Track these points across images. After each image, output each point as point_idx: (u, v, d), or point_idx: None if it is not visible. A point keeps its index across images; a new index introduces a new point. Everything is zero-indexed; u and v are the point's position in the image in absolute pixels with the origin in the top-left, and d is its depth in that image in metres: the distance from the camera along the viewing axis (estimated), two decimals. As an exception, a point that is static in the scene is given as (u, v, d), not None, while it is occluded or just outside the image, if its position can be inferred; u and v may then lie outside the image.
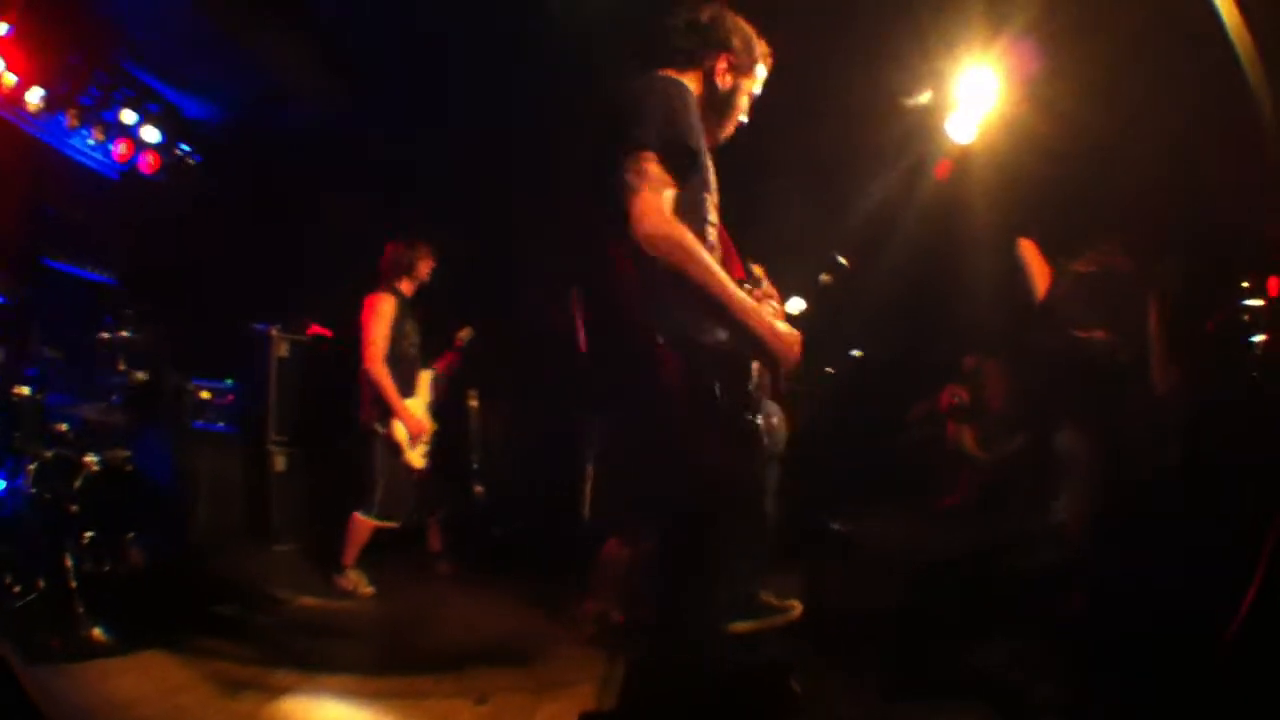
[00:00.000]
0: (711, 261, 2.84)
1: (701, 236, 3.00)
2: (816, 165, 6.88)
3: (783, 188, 6.88)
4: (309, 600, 6.67)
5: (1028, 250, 5.81)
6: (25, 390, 6.05)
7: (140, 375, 6.87)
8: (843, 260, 5.92)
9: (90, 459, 5.99)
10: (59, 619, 5.31)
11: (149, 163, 8.98)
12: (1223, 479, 4.20)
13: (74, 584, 5.45)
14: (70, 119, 7.90)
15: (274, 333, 8.07)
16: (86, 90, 7.97)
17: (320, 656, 5.31)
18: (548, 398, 7.91)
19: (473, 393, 8.76)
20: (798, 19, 4.71)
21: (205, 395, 8.10)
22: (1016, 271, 5.71)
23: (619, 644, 5.40)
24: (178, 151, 9.29)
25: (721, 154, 3.50)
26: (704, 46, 3.44)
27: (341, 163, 8.77)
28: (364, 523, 7.02)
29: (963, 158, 6.10)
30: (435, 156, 8.45)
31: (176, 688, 4.79)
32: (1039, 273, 5.76)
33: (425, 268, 7.35)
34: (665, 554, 3.22)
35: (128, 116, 8.55)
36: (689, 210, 2.98)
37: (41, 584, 5.44)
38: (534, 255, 8.06)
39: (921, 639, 4.90)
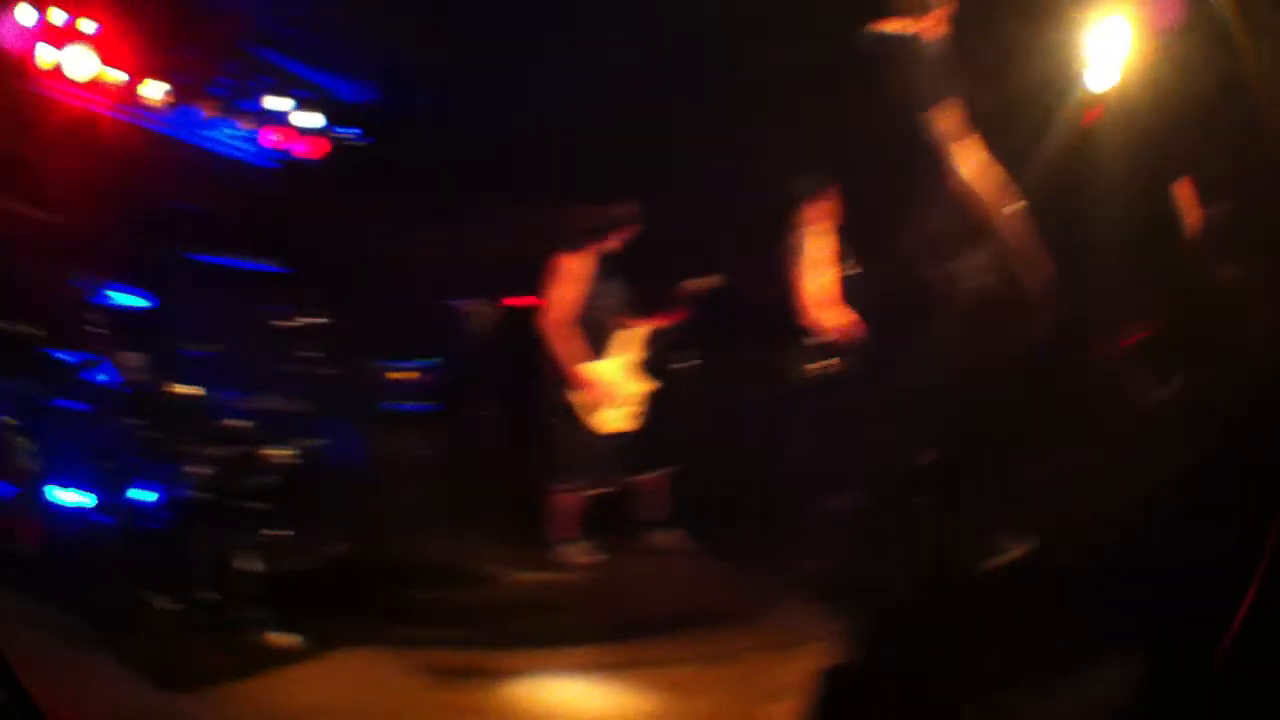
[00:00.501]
0: None
1: None
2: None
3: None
4: (524, 576, 6.29)
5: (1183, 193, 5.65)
6: (189, 389, 5.79)
7: (327, 361, 6.66)
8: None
9: (277, 451, 5.68)
10: (230, 630, 4.93)
11: (309, 148, 8.63)
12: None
13: (251, 589, 5.08)
14: (206, 110, 7.57)
15: (473, 306, 7.79)
16: (215, 80, 7.65)
17: (543, 634, 5.03)
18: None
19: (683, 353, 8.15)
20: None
21: (398, 375, 7.80)
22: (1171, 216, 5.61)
23: (849, 598, 5.10)
24: (338, 135, 8.84)
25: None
26: None
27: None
28: (565, 492, 6.61)
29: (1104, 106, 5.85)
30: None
31: (383, 686, 4.55)
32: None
33: (621, 228, 6.87)
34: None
35: (276, 104, 8.21)
36: None
37: (206, 595, 5.04)
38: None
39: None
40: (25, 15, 6.29)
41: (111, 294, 5.58)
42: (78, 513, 5.50)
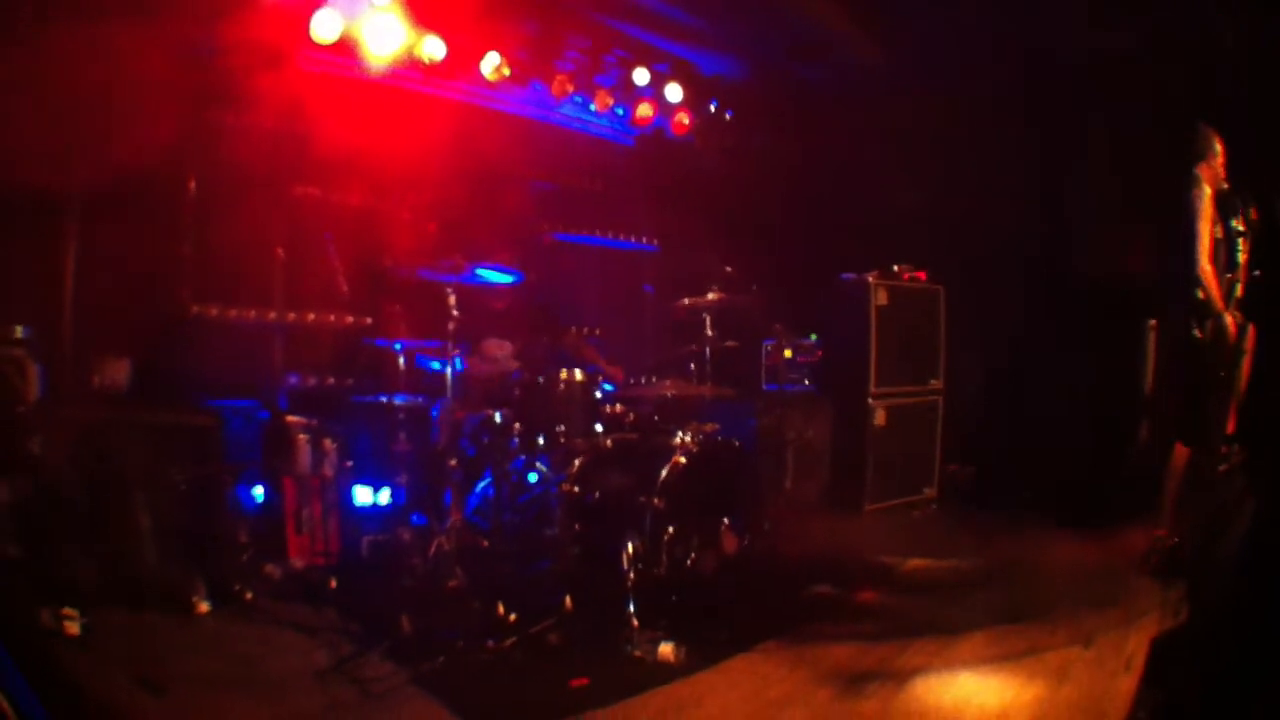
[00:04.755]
0: None
1: None
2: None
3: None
4: (918, 562, 5.99)
5: None
6: (576, 375, 5.40)
7: (726, 340, 6.15)
8: None
9: (683, 439, 5.13)
10: (602, 644, 4.37)
11: (680, 123, 8.33)
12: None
13: (632, 594, 4.50)
14: (556, 86, 7.21)
15: (872, 279, 7.33)
16: (563, 54, 7.26)
17: (943, 625, 4.73)
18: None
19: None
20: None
21: (787, 354, 7.57)
22: None
23: (1180, 569, 5.18)
24: (710, 109, 8.57)
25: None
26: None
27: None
28: None
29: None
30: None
31: (783, 699, 3.95)
32: None
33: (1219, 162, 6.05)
34: None
35: (640, 78, 7.85)
36: None
37: (568, 604, 4.53)
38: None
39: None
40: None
41: (477, 274, 5.19)
42: (385, 515, 5.24)
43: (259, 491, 5.06)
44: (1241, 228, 5.88)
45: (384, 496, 5.29)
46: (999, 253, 7.30)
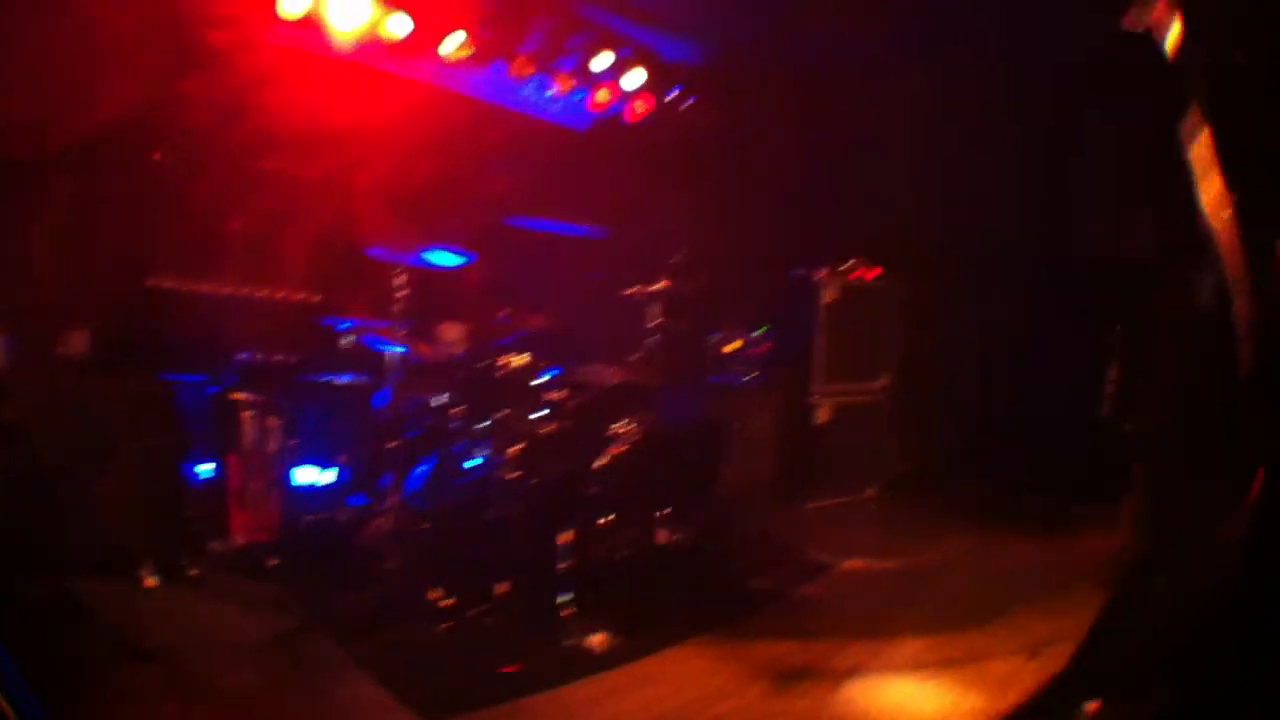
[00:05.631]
0: None
1: None
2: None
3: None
4: (859, 561, 5.95)
5: None
6: (518, 359, 5.35)
7: (670, 329, 6.32)
8: None
9: (621, 427, 5.18)
10: (536, 630, 4.42)
11: (636, 109, 8.28)
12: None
13: (568, 581, 4.55)
14: (516, 68, 7.15)
15: (823, 276, 7.38)
16: (527, 37, 7.19)
17: (879, 626, 4.70)
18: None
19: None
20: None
21: (733, 346, 7.55)
22: None
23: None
24: (668, 96, 8.50)
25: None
26: None
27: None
28: None
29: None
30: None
31: (714, 693, 4.00)
32: None
33: None
34: None
35: (601, 62, 7.80)
36: None
37: (503, 589, 4.56)
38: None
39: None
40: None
41: (424, 255, 5.19)
42: (326, 495, 5.24)
43: (207, 467, 5.04)
44: None
45: (327, 476, 5.28)
46: (965, 249, 7.33)
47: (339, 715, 3.73)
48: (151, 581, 4.53)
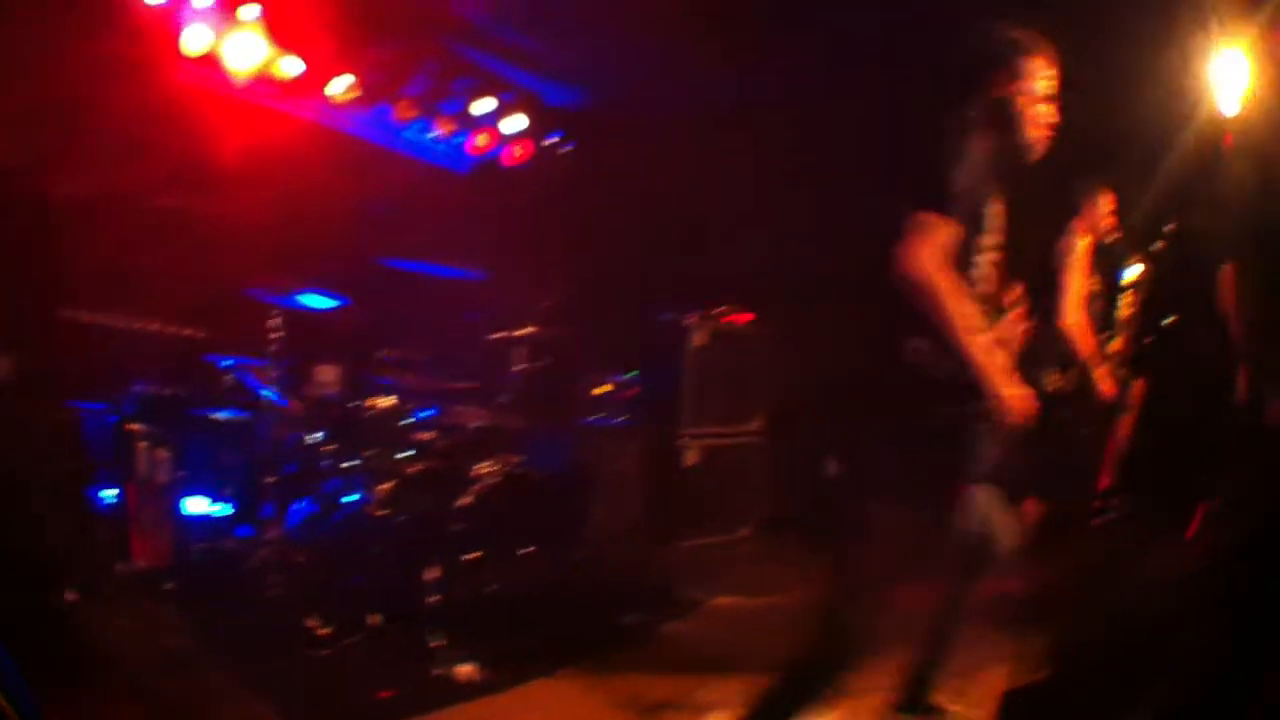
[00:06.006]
0: (957, 311, 3.13)
1: (967, 275, 3.31)
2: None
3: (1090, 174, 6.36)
4: (728, 598, 6.06)
5: None
6: (385, 401, 5.49)
7: (541, 372, 6.35)
8: (1170, 226, 5.96)
9: (484, 468, 5.34)
10: (406, 660, 4.53)
11: (515, 154, 8.49)
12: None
13: (436, 615, 4.69)
14: (400, 111, 7.33)
15: (690, 321, 7.43)
16: (412, 79, 7.38)
17: (744, 661, 4.56)
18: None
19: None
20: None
21: (603, 390, 7.66)
22: None
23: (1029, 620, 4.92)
24: (548, 141, 8.79)
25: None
26: (981, 70, 3.50)
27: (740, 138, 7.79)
28: None
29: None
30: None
31: None
32: None
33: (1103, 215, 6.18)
34: None
35: (482, 106, 8.02)
36: (961, 251, 3.25)
37: (376, 620, 4.69)
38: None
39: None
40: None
41: (299, 297, 5.31)
42: (216, 525, 5.32)
43: (112, 492, 5.09)
44: (1134, 280, 5.98)
45: (218, 507, 5.34)
46: (838, 295, 7.48)
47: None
48: (72, 596, 4.54)
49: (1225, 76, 5.56)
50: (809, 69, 7.19)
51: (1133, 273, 6.03)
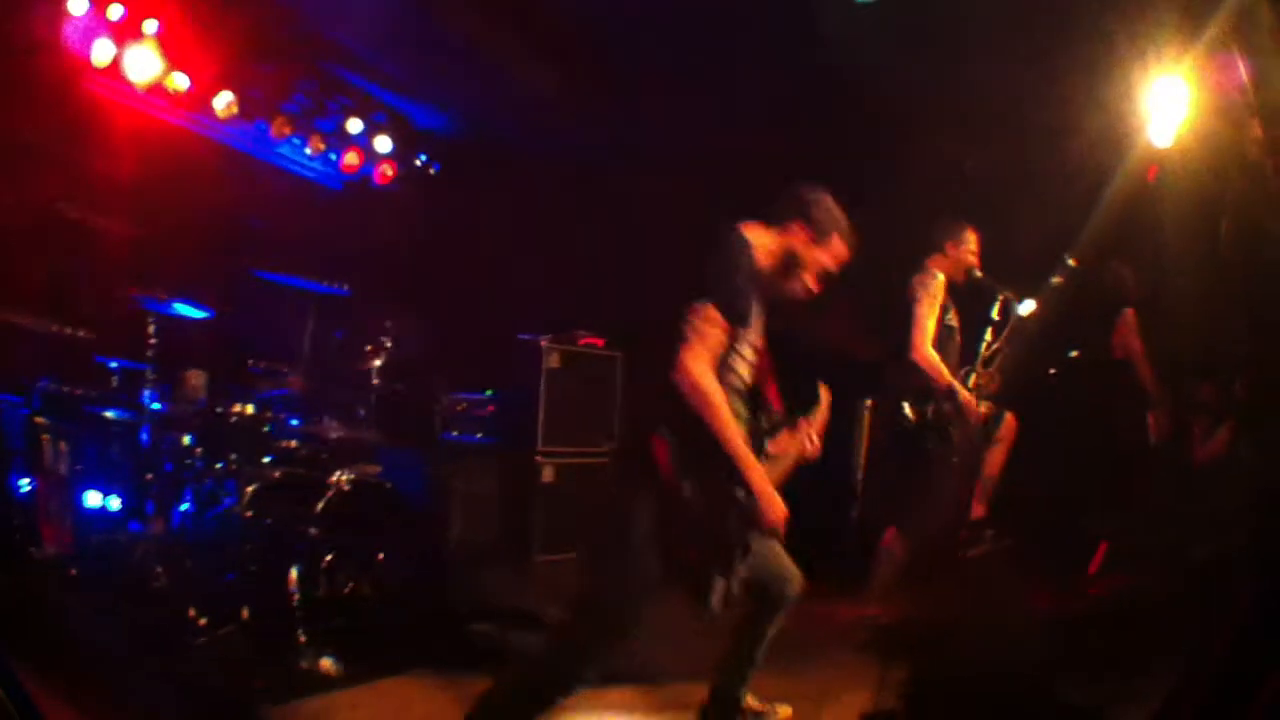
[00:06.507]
0: (726, 417, 3.43)
1: (729, 374, 3.63)
2: (1025, 177, 6.81)
3: (1003, 199, 6.78)
4: None
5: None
6: (248, 409, 5.68)
7: (397, 388, 6.56)
8: (1071, 261, 6.32)
9: (340, 477, 5.51)
10: (271, 652, 4.79)
11: (384, 173, 8.71)
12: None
13: (298, 612, 4.94)
14: (276, 128, 7.54)
15: (545, 343, 7.58)
16: (290, 98, 7.62)
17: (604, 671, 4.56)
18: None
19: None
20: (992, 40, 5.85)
21: (461, 407, 7.81)
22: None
23: (892, 649, 5.25)
24: (416, 162, 8.99)
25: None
26: (790, 212, 3.89)
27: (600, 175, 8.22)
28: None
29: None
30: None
31: (424, 716, 4.39)
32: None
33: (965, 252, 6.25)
34: None
35: (354, 126, 8.24)
36: (726, 352, 3.57)
37: (245, 614, 4.91)
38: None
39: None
40: (77, 5, 6.13)
41: (174, 305, 5.48)
42: (110, 518, 5.45)
43: (25, 481, 5.20)
44: (996, 319, 6.05)
45: (114, 502, 5.47)
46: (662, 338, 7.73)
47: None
48: None
49: (1159, 108, 5.66)
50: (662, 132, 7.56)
51: (1005, 308, 6.11)
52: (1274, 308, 4.84)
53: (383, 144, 8.53)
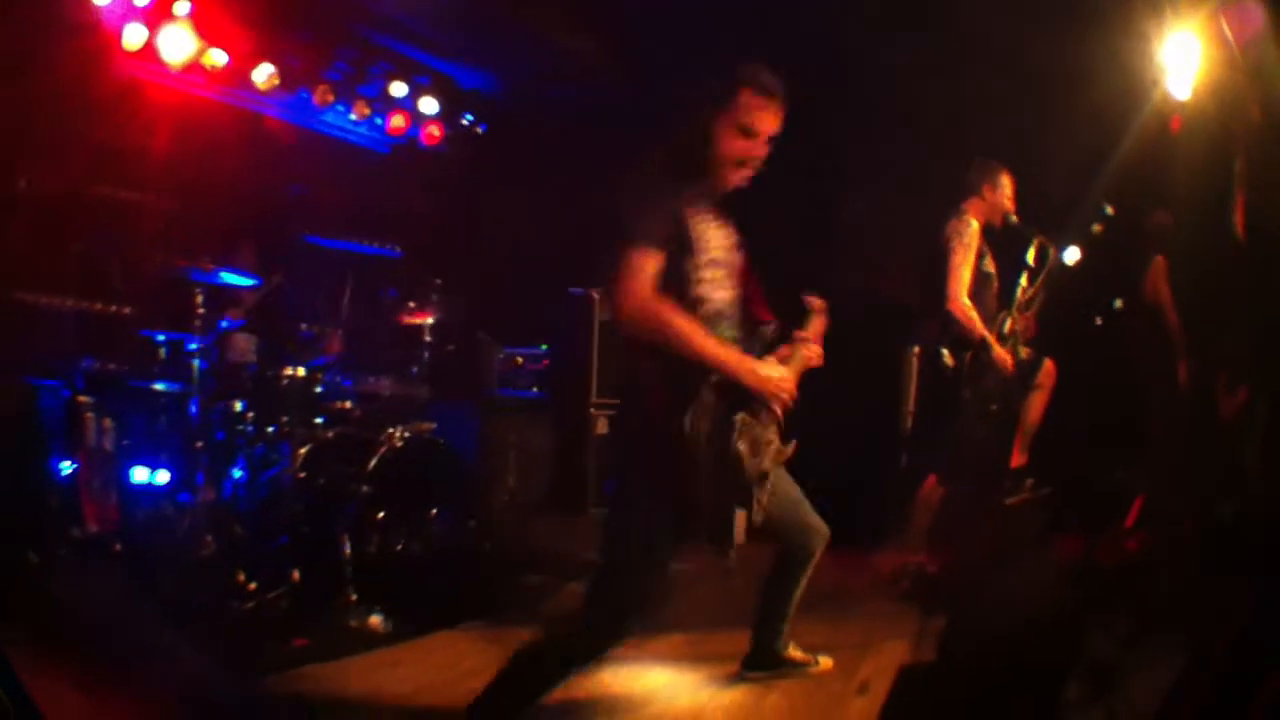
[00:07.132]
0: (683, 327, 3.18)
1: (696, 299, 3.36)
2: (1059, 129, 6.67)
3: (1039, 151, 6.60)
4: None
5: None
6: (299, 371, 5.76)
7: (448, 346, 6.63)
8: (1110, 210, 6.20)
9: (393, 433, 5.59)
10: (323, 612, 4.91)
11: (431, 134, 8.77)
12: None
13: (349, 570, 5.04)
14: (319, 95, 7.61)
15: (598, 294, 7.66)
16: (331, 65, 7.68)
17: (648, 619, 4.60)
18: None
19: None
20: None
21: (515, 362, 7.94)
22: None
23: (933, 597, 5.32)
24: (463, 122, 9.05)
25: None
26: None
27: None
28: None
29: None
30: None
31: (471, 671, 4.25)
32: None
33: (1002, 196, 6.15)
34: None
35: (398, 90, 8.30)
36: (675, 278, 3.31)
37: (296, 576, 5.03)
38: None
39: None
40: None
41: (221, 275, 5.60)
42: (158, 491, 5.56)
43: (67, 463, 5.30)
44: (1032, 264, 5.94)
45: (161, 475, 5.57)
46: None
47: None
48: (34, 559, 4.81)
49: (1176, 60, 5.56)
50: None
51: (1041, 253, 6.02)
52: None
53: (428, 105, 8.58)
